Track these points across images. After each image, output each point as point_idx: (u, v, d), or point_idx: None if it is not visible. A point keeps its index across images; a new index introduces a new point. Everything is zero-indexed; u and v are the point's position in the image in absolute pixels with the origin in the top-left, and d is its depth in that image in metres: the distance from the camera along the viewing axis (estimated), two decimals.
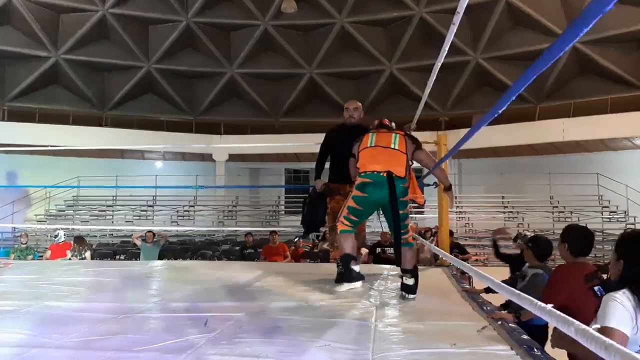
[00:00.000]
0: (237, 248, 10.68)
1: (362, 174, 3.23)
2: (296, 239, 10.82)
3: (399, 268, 3.24)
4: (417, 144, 3.45)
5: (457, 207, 17.20)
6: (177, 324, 2.44)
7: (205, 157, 19.85)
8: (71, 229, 10.22)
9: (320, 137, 4.06)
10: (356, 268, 3.66)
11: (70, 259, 7.80)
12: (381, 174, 3.15)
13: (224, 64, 20.39)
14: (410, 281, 3.11)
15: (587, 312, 1.97)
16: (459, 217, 16.80)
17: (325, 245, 10.29)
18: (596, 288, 2.42)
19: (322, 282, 3.61)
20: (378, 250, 8.14)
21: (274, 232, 8.93)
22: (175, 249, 10.68)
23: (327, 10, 19.46)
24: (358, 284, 3.32)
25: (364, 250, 8.19)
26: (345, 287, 3.25)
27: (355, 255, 3.35)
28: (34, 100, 18.94)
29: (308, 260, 8.75)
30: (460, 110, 19.73)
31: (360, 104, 4.02)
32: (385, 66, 19.99)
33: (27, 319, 2.51)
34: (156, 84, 20.19)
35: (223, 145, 18.50)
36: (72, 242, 8.14)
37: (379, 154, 3.28)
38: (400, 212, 3.11)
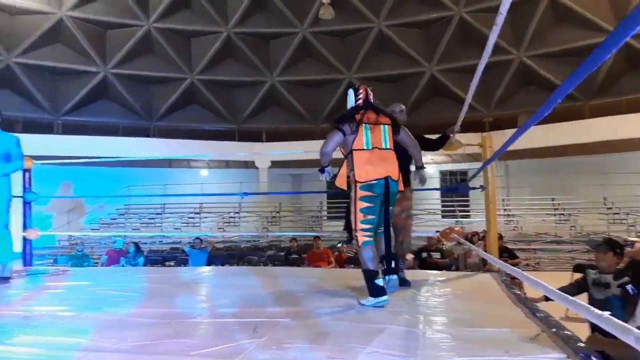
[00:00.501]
0: (282, 253, 10.79)
1: (364, 185, 3.07)
2: (340, 245, 10.83)
3: (446, 272, 3.19)
4: (397, 126, 3.35)
5: (505, 210, 16.75)
6: (227, 329, 2.49)
7: (248, 165, 20.20)
8: (124, 236, 10.62)
9: None
10: (403, 274, 3.64)
11: (123, 265, 8.10)
12: (380, 180, 3.11)
13: (264, 73, 20.73)
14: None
15: None
16: (507, 221, 16.35)
17: None
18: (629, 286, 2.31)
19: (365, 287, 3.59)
20: (424, 254, 8.03)
21: (318, 237, 8.97)
22: (222, 255, 10.90)
23: (365, 15, 19.47)
24: (384, 298, 3.01)
25: (410, 256, 8.10)
26: (372, 302, 2.98)
27: (377, 270, 3.12)
28: (85, 114, 19.85)
29: (352, 265, 8.71)
30: (504, 111, 19.25)
31: (404, 106, 3.89)
32: (425, 68, 19.77)
33: (85, 324, 2.62)
34: (199, 95, 20.74)
35: (266, 153, 18.73)
36: (127, 249, 8.46)
37: (377, 160, 3.11)
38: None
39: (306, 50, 20.60)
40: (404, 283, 3.66)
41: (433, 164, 20.93)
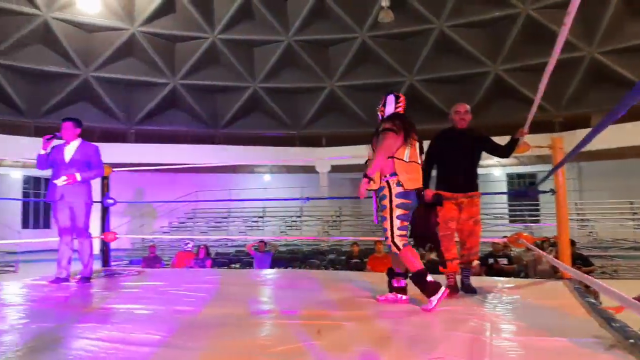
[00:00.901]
0: (343, 257, 10.82)
1: (401, 193, 3.11)
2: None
3: (514, 279, 3.09)
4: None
5: (579, 214, 15.88)
6: (291, 331, 2.55)
7: (309, 169, 20.43)
8: (193, 239, 11.10)
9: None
10: (469, 281, 3.56)
11: (192, 266, 8.45)
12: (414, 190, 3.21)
13: (323, 79, 20.93)
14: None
15: None
16: (581, 226, 15.49)
17: (433, 256, 10.06)
18: None
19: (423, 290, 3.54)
20: (490, 260, 7.78)
21: (380, 242, 8.91)
22: (285, 258, 11.10)
23: (425, 16, 19.20)
24: (443, 288, 3.04)
25: (476, 262, 7.87)
26: (435, 298, 2.97)
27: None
28: (156, 123, 20.92)
29: None
30: (576, 110, 18.27)
31: (469, 106, 3.76)
32: (490, 68, 19.19)
33: (159, 322, 2.77)
34: (262, 102, 21.27)
35: (328, 159, 18.88)
36: (196, 251, 8.83)
37: (414, 171, 3.19)
38: (381, 212, 3.19)
39: (365, 55, 20.60)
40: (469, 290, 3.57)
41: (499, 167, 20.21)
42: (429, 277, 3.07)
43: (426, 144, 3.72)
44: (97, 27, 19.16)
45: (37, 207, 21.36)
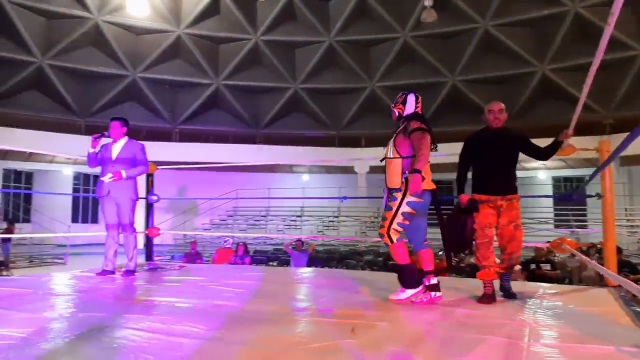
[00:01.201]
0: (380, 259, 10.76)
1: (420, 195, 3.20)
2: (441, 252, 10.55)
3: (557, 285, 3.01)
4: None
5: (628, 220, 15.21)
6: (326, 329, 2.58)
7: (348, 170, 20.43)
8: (232, 237, 11.32)
9: (459, 147, 3.74)
10: (509, 285, 3.50)
11: (232, 263, 8.62)
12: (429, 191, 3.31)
13: (364, 79, 20.88)
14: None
15: None
16: (631, 232, 14.82)
17: (473, 260, 9.87)
18: None
19: (468, 297, 3.50)
20: (532, 266, 7.56)
21: None
22: (322, 258, 11.14)
23: (469, 15, 18.85)
24: (420, 287, 3.24)
25: (517, 267, 7.68)
26: (409, 293, 3.23)
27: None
28: (199, 123, 21.44)
29: (454, 275, 8.46)
30: (627, 112, 17.48)
31: (503, 105, 3.59)
32: (536, 68, 18.64)
33: (199, 316, 2.86)
34: (302, 102, 21.44)
35: (367, 159, 18.80)
36: (235, 248, 9.01)
37: (429, 172, 3.34)
38: (385, 212, 3.28)
39: (407, 55, 20.42)
40: (509, 295, 3.49)
41: (545, 169, 19.59)
42: (414, 275, 3.27)
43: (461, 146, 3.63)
44: (145, 30, 19.83)
45: (86, 202, 22.31)
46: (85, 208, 22.62)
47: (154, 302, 3.29)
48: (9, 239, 12.98)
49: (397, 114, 3.50)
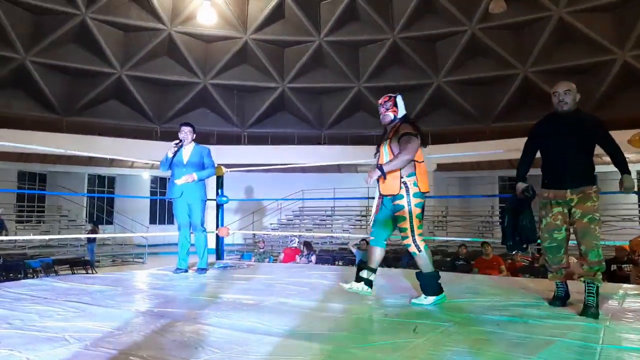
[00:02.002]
0: (448, 259, 10.51)
1: (419, 193, 3.23)
2: (514, 252, 10.13)
3: (638, 287, 2.80)
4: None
5: None
6: (388, 327, 2.59)
7: None
8: (299, 236, 11.52)
9: None
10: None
11: (298, 262, 8.78)
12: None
13: (430, 75, 20.47)
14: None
15: None
16: None
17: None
18: None
19: (540, 299, 3.35)
20: (613, 267, 7.09)
21: (487, 243, 8.53)
22: (388, 258, 11.05)
23: (541, 4, 17.94)
24: (443, 294, 3.21)
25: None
26: (435, 299, 3.19)
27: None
28: (266, 126, 21.98)
29: (527, 275, 8.10)
30: None
31: (574, 85, 3.11)
32: (617, 55, 17.41)
33: (264, 312, 2.96)
34: (365, 101, 21.37)
35: (433, 157, 18.38)
36: (301, 247, 9.18)
37: (426, 175, 3.38)
38: (399, 224, 3.26)
39: (475, 48, 19.77)
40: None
41: (629, 163, 18.24)
42: (438, 282, 3.23)
43: None
44: (214, 38, 20.63)
45: (162, 204, 23.56)
46: (162, 210, 23.93)
47: (222, 299, 3.43)
48: (93, 240, 14.00)
49: (392, 116, 3.38)
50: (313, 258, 8.95)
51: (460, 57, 19.89)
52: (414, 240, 3.20)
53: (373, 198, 3.43)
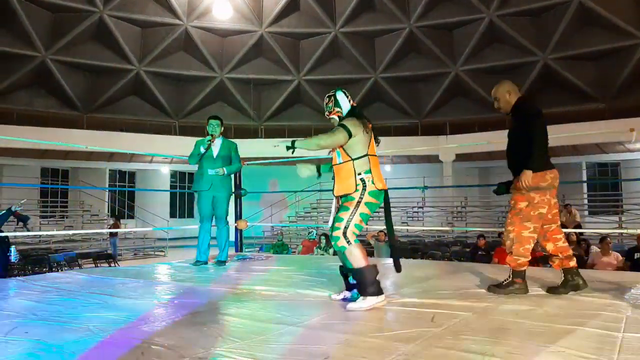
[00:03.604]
0: (468, 250, 10.45)
1: (374, 192, 2.96)
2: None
3: None
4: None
5: None
6: (406, 317, 2.59)
7: (432, 159, 19.94)
8: (316, 228, 11.55)
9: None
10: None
11: (316, 254, 8.82)
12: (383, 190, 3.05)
13: (447, 64, 20.24)
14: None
15: None
16: None
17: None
18: None
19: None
20: (637, 255, 6.97)
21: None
22: (406, 249, 11.03)
23: None
24: (382, 297, 2.83)
25: (618, 257, 7.11)
26: (372, 301, 2.78)
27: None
28: (283, 119, 22.02)
29: (548, 265, 7.99)
30: None
31: (499, 87, 3.49)
32: (638, 40, 16.97)
33: (283, 303, 3.00)
34: (383, 92, 21.24)
35: (449, 146, 18.24)
36: (318, 239, 9.21)
37: (379, 168, 3.09)
38: (339, 213, 2.97)
39: (493, 36, 19.47)
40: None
41: None
42: (378, 278, 2.89)
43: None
44: (230, 32, 20.69)
45: (182, 198, 23.85)
46: (181, 203, 24.23)
47: (242, 290, 3.48)
48: (116, 234, 14.25)
49: (337, 119, 3.22)
50: (331, 251, 8.97)
51: (477, 44, 19.61)
52: (345, 233, 2.89)
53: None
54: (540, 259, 8.52)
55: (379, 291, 2.84)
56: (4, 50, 17.73)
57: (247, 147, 17.28)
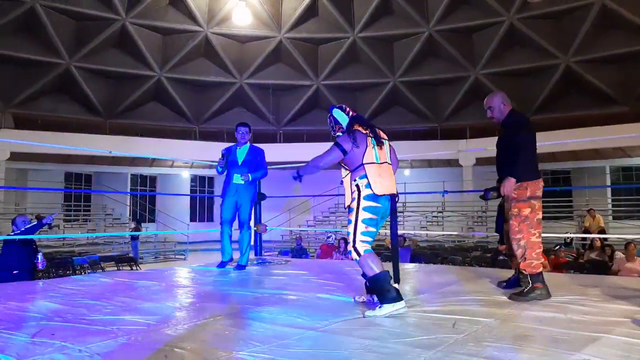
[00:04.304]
0: (489, 255, 10.31)
1: (369, 196, 2.95)
2: (557, 247, 9.86)
3: None
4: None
5: None
6: (427, 323, 2.57)
7: (452, 163, 19.77)
8: (335, 232, 11.54)
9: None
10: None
11: (334, 258, 8.81)
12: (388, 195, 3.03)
13: (467, 68, 20.07)
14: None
15: None
16: None
17: (593, 255, 9.10)
18: None
19: (584, 295, 3.26)
20: None
21: None
22: (425, 254, 10.94)
23: None
24: (402, 304, 2.78)
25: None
26: (389, 309, 2.74)
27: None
28: (301, 124, 22.09)
29: (572, 271, 7.87)
30: None
31: (492, 97, 3.79)
32: None
33: (304, 307, 3.00)
34: (401, 96, 21.16)
35: (468, 150, 18.08)
36: (337, 244, 9.20)
37: (387, 175, 3.10)
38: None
39: (514, 39, 19.25)
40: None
41: None
42: (395, 285, 2.89)
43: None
44: (249, 38, 20.87)
45: (202, 202, 24.08)
46: (201, 208, 24.46)
47: (262, 294, 3.50)
48: (137, 237, 14.46)
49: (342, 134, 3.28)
50: (350, 255, 8.97)
51: (498, 48, 19.42)
52: (354, 245, 2.94)
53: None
54: (563, 264, 8.38)
55: (397, 297, 2.82)
56: (30, 58, 18.18)
57: (266, 152, 17.38)
